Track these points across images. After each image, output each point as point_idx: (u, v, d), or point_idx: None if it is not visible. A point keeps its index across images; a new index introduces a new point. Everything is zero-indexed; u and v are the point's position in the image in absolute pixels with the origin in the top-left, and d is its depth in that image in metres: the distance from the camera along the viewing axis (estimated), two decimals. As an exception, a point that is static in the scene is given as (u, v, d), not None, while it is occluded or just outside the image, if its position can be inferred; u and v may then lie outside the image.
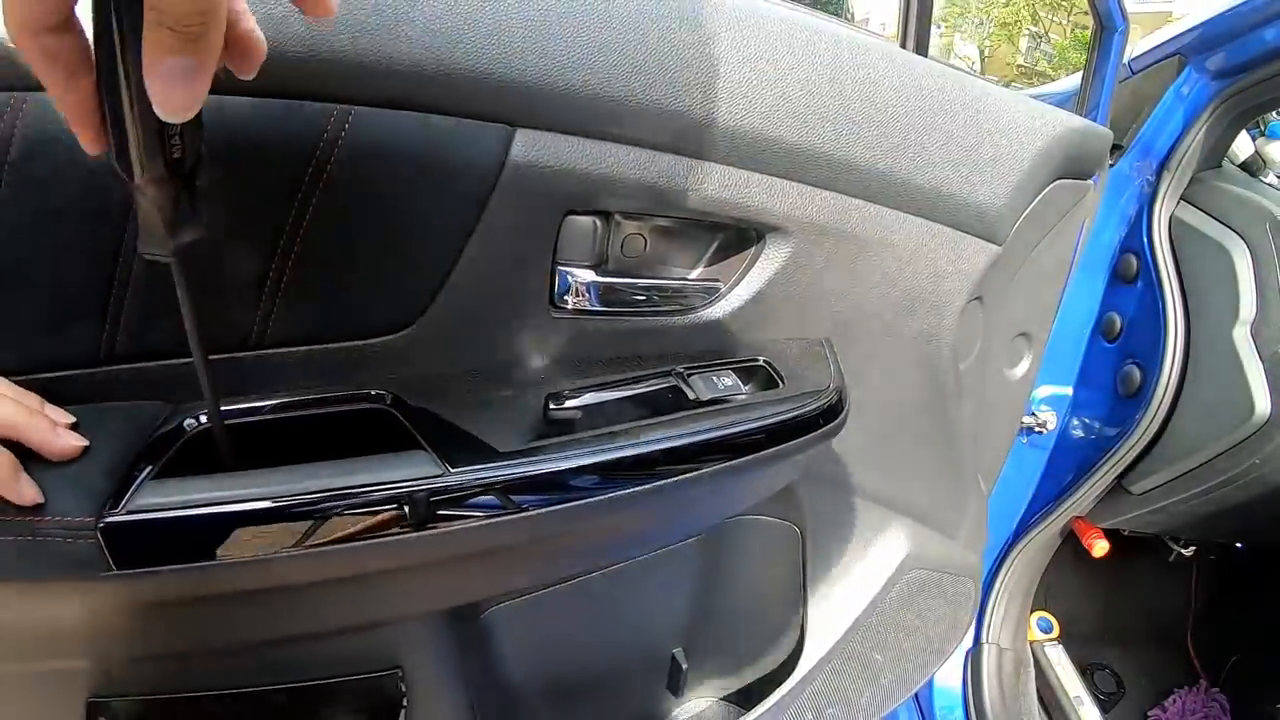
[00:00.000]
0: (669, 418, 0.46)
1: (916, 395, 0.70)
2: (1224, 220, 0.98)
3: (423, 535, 0.38)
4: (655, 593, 0.66)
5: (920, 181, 0.56)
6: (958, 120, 0.58)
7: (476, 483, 0.39)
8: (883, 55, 0.53)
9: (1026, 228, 0.69)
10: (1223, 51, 0.95)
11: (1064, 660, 1.20)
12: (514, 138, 0.40)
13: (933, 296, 0.62)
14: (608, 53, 0.41)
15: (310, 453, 0.38)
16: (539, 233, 0.44)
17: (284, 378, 0.42)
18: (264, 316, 0.40)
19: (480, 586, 0.49)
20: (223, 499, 0.34)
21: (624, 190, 0.44)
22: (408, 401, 0.43)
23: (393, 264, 0.42)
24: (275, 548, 0.36)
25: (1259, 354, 0.91)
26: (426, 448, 0.39)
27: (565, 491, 0.41)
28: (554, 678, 0.64)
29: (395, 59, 0.36)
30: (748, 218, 0.50)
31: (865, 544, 0.78)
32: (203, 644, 0.41)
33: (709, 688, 0.78)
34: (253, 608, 0.39)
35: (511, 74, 0.38)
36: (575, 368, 0.49)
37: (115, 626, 0.37)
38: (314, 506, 0.36)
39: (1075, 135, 0.70)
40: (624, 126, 0.43)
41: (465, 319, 0.45)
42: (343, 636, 0.44)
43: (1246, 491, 0.96)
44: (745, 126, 0.46)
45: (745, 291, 0.53)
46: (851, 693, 0.81)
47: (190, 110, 0.24)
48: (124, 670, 0.39)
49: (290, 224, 0.38)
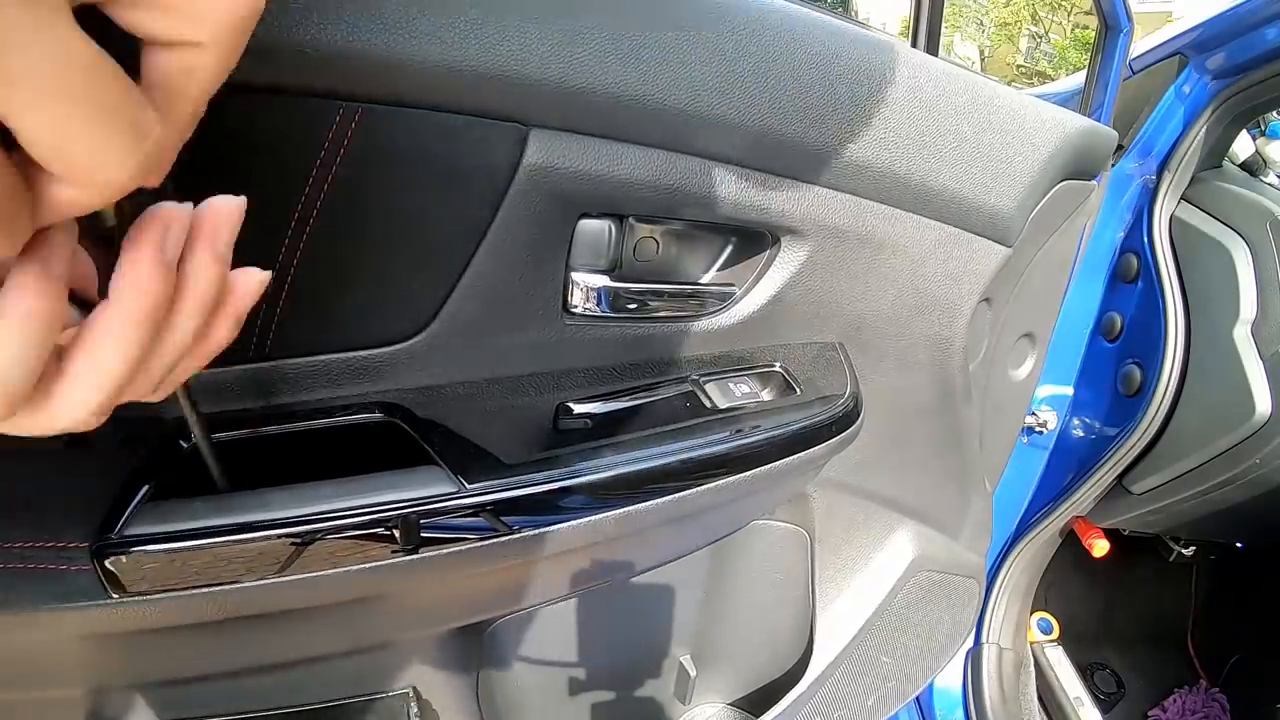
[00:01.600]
0: (689, 424, 0.45)
1: (926, 397, 0.69)
2: (1224, 220, 0.98)
3: (438, 555, 0.36)
4: (663, 599, 0.65)
5: (934, 184, 0.55)
6: (970, 122, 0.57)
7: (493, 500, 0.37)
8: (897, 56, 0.52)
9: (1034, 229, 0.69)
10: (1223, 51, 0.95)
11: (1064, 661, 1.20)
12: (528, 138, 0.39)
13: (945, 299, 0.62)
14: (624, 52, 0.40)
15: (316, 467, 0.37)
16: (552, 236, 0.43)
17: (287, 389, 0.40)
18: (266, 325, 0.39)
19: (494, 604, 0.47)
20: (225, 525, 0.33)
21: (640, 193, 0.43)
22: (416, 413, 0.42)
23: (401, 269, 0.41)
24: (278, 569, 0.34)
25: (1259, 353, 0.91)
26: (440, 463, 0.38)
27: (585, 506, 0.40)
28: (562, 687, 0.62)
29: (406, 55, 0.34)
30: (764, 220, 0.49)
31: (874, 547, 0.77)
32: (205, 669, 0.39)
33: (717, 694, 0.77)
34: (257, 632, 0.38)
35: (526, 72, 0.37)
36: (589, 374, 0.48)
37: (113, 654, 0.35)
38: (321, 528, 0.35)
39: (1082, 136, 0.69)
40: (641, 128, 0.42)
41: (475, 326, 0.43)
42: (351, 657, 0.43)
43: (1246, 491, 0.96)
44: (763, 128, 0.45)
45: (760, 295, 0.52)
46: (859, 696, 0.80)
47: None
48: (123, 697, 0.38)
49: (294, 227, 0.37)
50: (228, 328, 0.24)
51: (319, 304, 0.39)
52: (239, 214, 0.23)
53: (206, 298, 0.22)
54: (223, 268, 0.22)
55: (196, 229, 0.22)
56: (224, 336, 0.24)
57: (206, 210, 0.22)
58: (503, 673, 0.55)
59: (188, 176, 0.32)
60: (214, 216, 0.22)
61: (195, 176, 0.33)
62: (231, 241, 0.22)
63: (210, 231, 0.22)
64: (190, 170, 0.33)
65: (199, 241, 0.22)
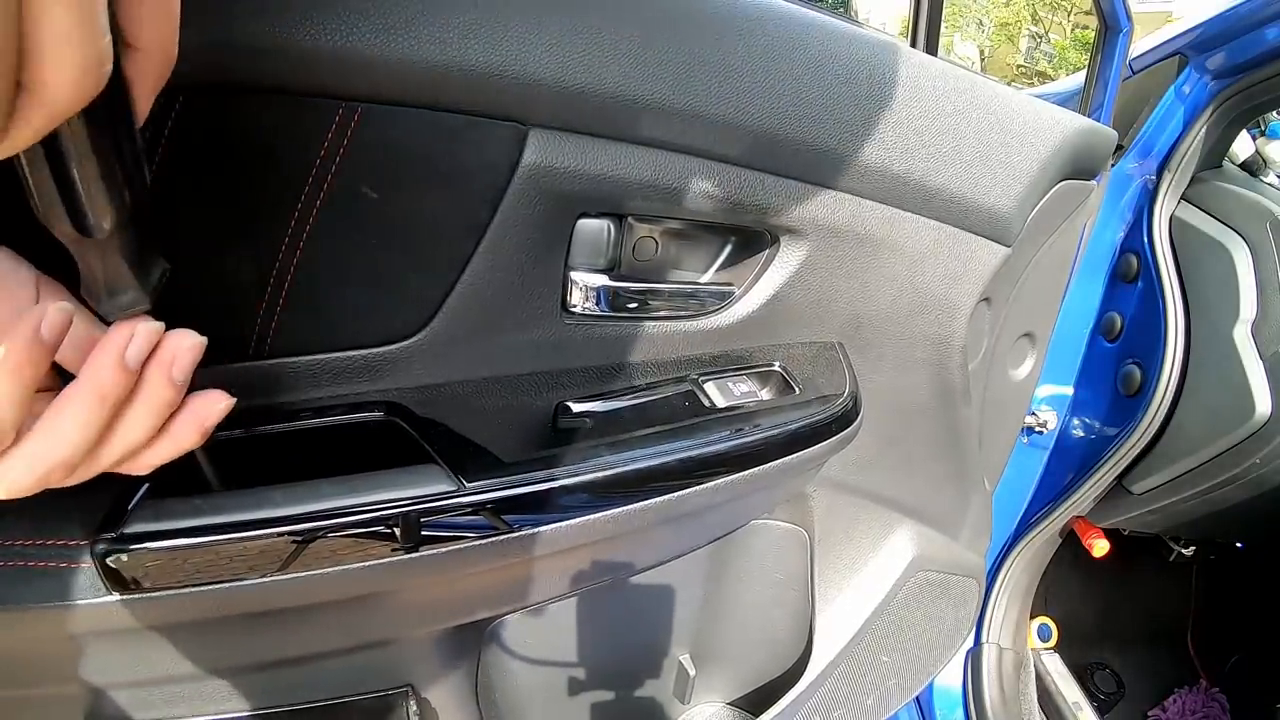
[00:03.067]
0: (688, 423, 0.45)
1: (925, 397, 0.69)
2: (1224, 220, 0.98)
3: (438, 553, 0.37)
4: (663, 599, 0.65)
5: (933, 183, 0.55)
6: (970, 122, 0.57)
7: (492, 499, 0.37)
8: (896, 56, 0.52)
9: (1033, 228, 0.69)
10: (1223, 51, 0.95)
11: (1061, 668, 1.20)
12: (527, 138, 0.39)
13: (944, 298, 0.62)
14: (623, 52, 0.40)
15: (315, 465, 0.37)
16: (551, 235, 0.43)
17: (287, 388, 0.40)
18: (266, 324, 0.39)
19: (494, 602, 0.47)
20: (225, 523, 0.33)
21: (639, 192, 0.43)
22: (415, 411, 0.42)
23: (401, 268, 0.41)
24: (279, 567, 0.35)
25: (1259, 353, 0.91)
26: (439, 461, 0.38)
27: (584, 505, 0.40)
28: (561, 686, 0.63)
29: (405, 55, 0.34)
30: (764, 220, 0.49)
31: (873, 546, 0.77)
32: (204, 667, 0.39)
33: (716, 693, 0.77)
34: (256, 629, 0.38)
35: (525, 72, 0.37)
36: (588, 374, 0.48)
37: (113, 651, 0.36)
38: (321, 526, 0.35)
39: (1082, 136, 0.69)
40: (640, 127, 0.42)
41: (474, 325, 0.43)
42: (350, 655, 0.43)
43: (1246, 491, 0.96)
44: (762, 128, 0.45)
45: (759, 295, 0.52)
46: (859, 695, 0.80)
47: None
48: (122, 694, 0.38)
49: (294, 226, 0.37)
50: (191, 437, 0.27)
51: (318, 303, 0.39)
52: (198, 351, 0.26)
53: (158, 406, 0.26)
54: (174, 389, 0.26)
55: (160, 350, 0.26)
56: (188, 441, 0.27)
57: (171, 338, 0.26)
58: (502, 671, 0.55)
59: (188, 176, 0.32)
60: (176, 346, 0.26)
61: (196, 176, 0.34)
62: (189, 370, 0.26)
63: (168, 358, 0.26)
64: (191, 170, 0.34)
65: (156, 362, 0.26)
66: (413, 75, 0.35)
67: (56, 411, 0.24)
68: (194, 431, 0.27)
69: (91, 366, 0.24)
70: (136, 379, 0.25)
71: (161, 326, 0.26)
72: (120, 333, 0.25)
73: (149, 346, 0.25)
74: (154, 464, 0.27)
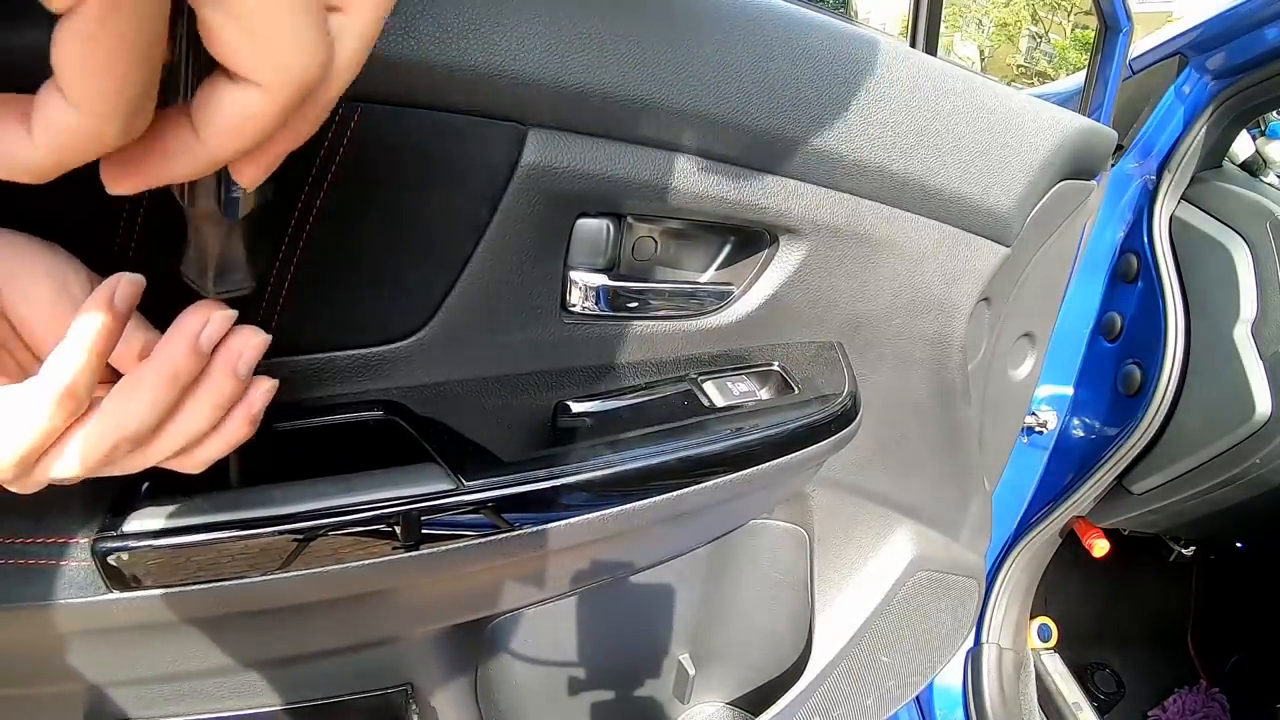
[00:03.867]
0: (687, 423, 0.45)
1: (925, 397, 0.69)
2: (1224, 220, 0.98)
3: (437, 551, 0.37)
4: (662, 598, 0.65)
5: (933, 183, 0.55)
6: (969, 121, 0.57)
7: (491, 497, 0.37)
8: (896, 55, 0.52)
9: (1033, 228, 0.69)
10: (1223, 51, 0.95)
11: (1061, 668, 1.20)
12: (527, 137, 0.39)
13: (943, 298, 0.62)
14: (622, 51, 0.40)
15: (315, 464, 0.37)
16: (551, 235, 0.43)
17: (287, 387, 0.40)
18: (266, 323, 0.39)
19: (493, 601, 0.47)
20: (225, 521, 0.33)
21: (639, 192, 0.43)
22: (415, 410, 0.42)
23: (400, 267, 0.41)
24: (279, 565, 0.35)
25: (1259, 353, 0.91)
26: (438, 460, 0.38)
27: (583, 504, 0.40)
28: (561, 685, 0.63)
29: (404, 55, 0.34)
30: (763, 220, 0.49)
31: (873, 546, 0.77)
32: (204, 665, 0.39)
33: (716, 693, 0.77)
34: (256, 627, 0.38)
35: (525, 72, 0.37)
36: (587, 373, 0.48)
37: (113, 649, 0.36)
38: (321, 524, 0.35)
39: (1082, 136, 0.69)
40: (639, 127, 0.42)
41: (474, 324, 0.44)
42: (350, 653, 0.43)
43: (1246, 491, 0.96)
44: (761, 127, 0.45)
45: (759, 295, 0.52)
46: (858, 695, 0.80)
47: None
48: (122, 692, 0.38)
49: (294, 225, 0.37)
50: (242, 428, 0.27)
51: (318, 302, 0.39)
52: (262, 348, 0.27)
53: (221, 398, 0.26)
54: (236, 382, 0.26)
55: (228, 342, 0.26)
56: (240, 433, 0.27)
57: (239, 331, 0.26)
58: (502, 670, 0.55)
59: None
60: (244, 340, 0.26)
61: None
62: (252, 365, 0.26)
63: (235, 350, 0.26)
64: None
65: (224, 353, 0.26)
66: (412, 75, 0.35)
67: (129, 387, 0.24)
68: (244, 422, 0.27)
69: (165, 347, 0.24)
70: (204, 366, 0.25)
71: (234, 315, 0.26)
72: (194, 317, 0.25)
73: (220, 333, 0.25)
74: (206, 461, 0.27)
